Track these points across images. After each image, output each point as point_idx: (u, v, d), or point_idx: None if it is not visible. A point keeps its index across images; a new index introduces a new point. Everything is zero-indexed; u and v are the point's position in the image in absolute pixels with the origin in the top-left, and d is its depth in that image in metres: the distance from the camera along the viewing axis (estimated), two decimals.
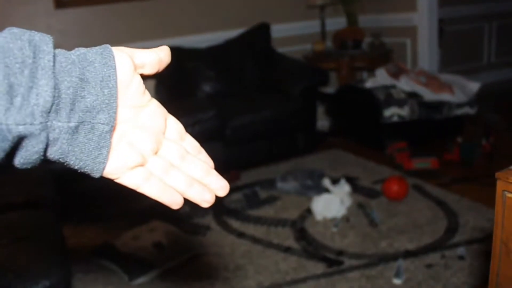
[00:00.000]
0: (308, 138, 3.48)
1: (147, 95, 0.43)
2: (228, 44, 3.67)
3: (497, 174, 0.72)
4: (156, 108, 0.44)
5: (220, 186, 0.46)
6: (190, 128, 3.02)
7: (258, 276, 2.07)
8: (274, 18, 3.93)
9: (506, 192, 0.71)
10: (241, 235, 2.43)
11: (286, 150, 3.43)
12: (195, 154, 0.47)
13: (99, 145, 0.39)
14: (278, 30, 3.95)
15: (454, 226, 2.33)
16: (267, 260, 2.19)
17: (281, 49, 3.86)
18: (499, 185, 0.72)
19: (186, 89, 3.48)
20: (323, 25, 4.06)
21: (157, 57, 0.44)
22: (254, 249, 2.29)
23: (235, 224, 2.56)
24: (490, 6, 4.78)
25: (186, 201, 0.45)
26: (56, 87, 0.36)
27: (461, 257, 2.07)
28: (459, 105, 3.32)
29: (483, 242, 2.17)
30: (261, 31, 3.74)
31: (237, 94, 3.52)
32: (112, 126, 0.39)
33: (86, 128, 0.38)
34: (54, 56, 0.36)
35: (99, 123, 0.39)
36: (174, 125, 0.47)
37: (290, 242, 2.34)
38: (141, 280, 2.09)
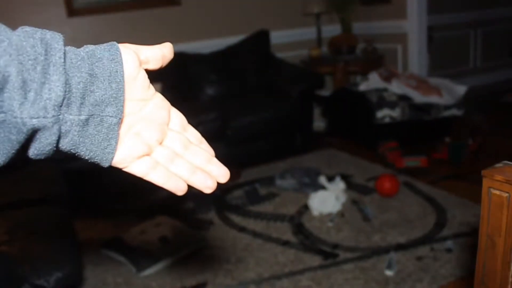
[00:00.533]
0: (305, 138, 3.48)
1: (152, 89, 0.43)
2: (230, 50, 3.67)
3: (483, 172, 0.72)
4: (160, 101, 0.44)
5: (221, 173, 0.46)
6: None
7: (258, 268, 2.07)
8: (273, 25, 3.93)
9: (491, 189, 0.71)
10: (242, 229, 2.43)
11: (284, 149, 3.43)
12: (197, 144, 0.47)
13: (108, 136, 0.39)
14: (277, 37, 3.95)
15: (442, 221, 2.33)
16: (267, 253, 2.19)
17: (279, 54, 3.86)
18: (485, 182, 0.72)
19: (190, 92, 3.48)
20: (319, 32, 4.06)
21: (161, 53, 0.44)
22: (254, 243, 2.29)
23: (236, 219, 2.55)
24: (476, 15, 4.78)
25: (191, 198, 0.45)
26: (67, 82, 0.36)
27: (449, 250, 2.07)
28: (447, 107, 3.32)
29: (470, 236, 2.17)
30: (261, 38, 3.74)
31: (238, 97, 3.52)
32: (120, 118, 0.39)
33: (95, 121, 0.38)
34: (64, 53, 0.36)
35: (108, 115, 0.39)
36: (177, 117, 0.47)
37: (288, 236, 2.34)
38: (148, 271, 2.09)
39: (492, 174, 0.71)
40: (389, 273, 1.94)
